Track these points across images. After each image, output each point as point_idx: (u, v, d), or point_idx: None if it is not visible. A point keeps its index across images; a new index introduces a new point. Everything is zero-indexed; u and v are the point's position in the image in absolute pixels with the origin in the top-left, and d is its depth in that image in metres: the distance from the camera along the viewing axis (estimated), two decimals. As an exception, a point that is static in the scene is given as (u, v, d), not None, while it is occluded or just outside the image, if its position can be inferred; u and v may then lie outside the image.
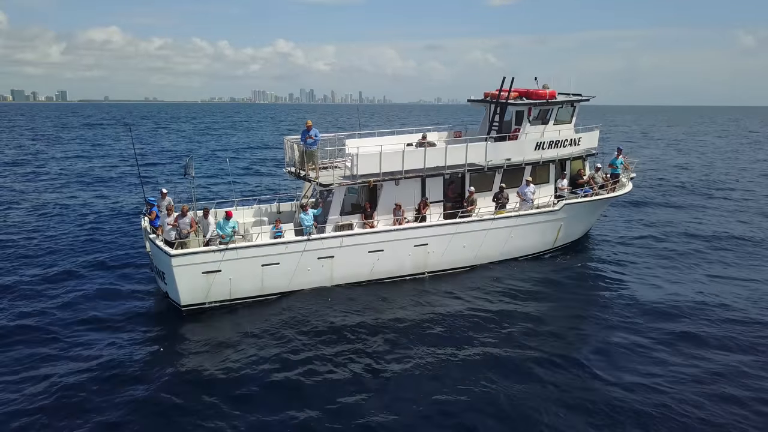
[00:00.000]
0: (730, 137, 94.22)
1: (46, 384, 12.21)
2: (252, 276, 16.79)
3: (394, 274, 18.91)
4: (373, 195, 19.36)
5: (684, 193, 36.74)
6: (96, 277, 19.06)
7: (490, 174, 20.93)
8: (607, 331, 15.23)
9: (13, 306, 16.46)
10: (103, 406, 11.44)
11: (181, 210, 16.64)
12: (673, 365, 13.20)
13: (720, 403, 11.58)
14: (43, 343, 14.20)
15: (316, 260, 17.49)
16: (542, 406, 11.46)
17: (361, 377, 12.65)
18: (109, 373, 12.70)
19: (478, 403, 11.52)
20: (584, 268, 20.93)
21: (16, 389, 12.04)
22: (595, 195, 22.32)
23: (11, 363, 13.17)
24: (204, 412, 11.22)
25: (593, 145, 23.55)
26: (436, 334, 14.94)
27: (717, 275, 19.89)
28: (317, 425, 10.81)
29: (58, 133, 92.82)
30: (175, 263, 15.67)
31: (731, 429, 10.78)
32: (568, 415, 11.13)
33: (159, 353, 13.89)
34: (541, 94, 21.66)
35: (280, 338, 14.52)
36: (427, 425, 10.86)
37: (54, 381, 12.33)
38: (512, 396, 11.79)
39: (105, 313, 16.05)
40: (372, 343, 14.29)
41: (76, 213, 29.09)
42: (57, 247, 22.54)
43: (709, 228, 26.63)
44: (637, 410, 11.30)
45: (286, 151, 20.41)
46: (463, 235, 19.51)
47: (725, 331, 15.03)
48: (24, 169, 46.24)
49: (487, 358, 13.50)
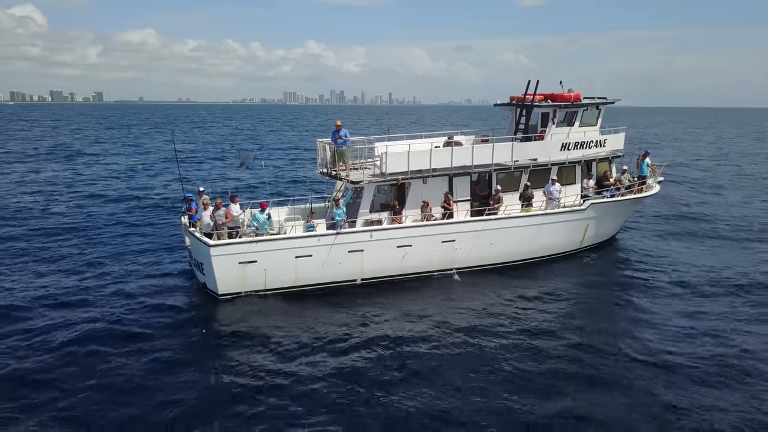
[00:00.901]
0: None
1: (98, 361, 13.20)
2: (286, 267, 17.61)
3: (422, 270, 19.52)
4: (402, 193, 20.03)
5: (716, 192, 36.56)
6: (137, 269, 20.16)
7: (517, 174, 21.43)
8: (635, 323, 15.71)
9: (57, 299, 17.41)
10: (151, 384, 12.36)
11: (215, 204, 17.60)
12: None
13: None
14: (92, 326, 15.23)
15: (346, 253, 18.23)
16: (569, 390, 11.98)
17: (396, 364, 13.34)
18: (155, 356, 13.64)
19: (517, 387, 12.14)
20: (613, 267, 21.28)
21: (64, 365, 13.02)
22: (622, 196, 22.63)
23: (60, 342, 14.15)
24: (250, 390, 12.08)
25: (619, 147, 23.86)
26: (468, 329, 15.44)
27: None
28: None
29: (105, 131, 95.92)
30: (214, 253, 16.59)
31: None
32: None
33: (200, 336, 14.88)
34: (566, 97, 22.11)
35: (317, 327, 15.32)
36: (460, 410, 11.44)
37: (102, 359, 13.33)
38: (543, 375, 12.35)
39: (146, 302, 17.01)
40: (403, 337, 14.97)
41: (120, 206, 31.02)
42: (100, 241, 23.88)
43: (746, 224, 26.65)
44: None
45: (318, 152, 21.19)
46: (490, 232, 20.01)
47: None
48: (72, 164, 48.32)
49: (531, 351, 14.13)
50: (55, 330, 14.87)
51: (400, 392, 12.07)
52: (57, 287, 18.07)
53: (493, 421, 11.07)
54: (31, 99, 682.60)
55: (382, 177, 19.32)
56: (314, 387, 12.28)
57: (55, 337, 14.46)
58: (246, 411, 11.37)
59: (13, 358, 13.30)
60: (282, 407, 11.51)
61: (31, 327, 15.02)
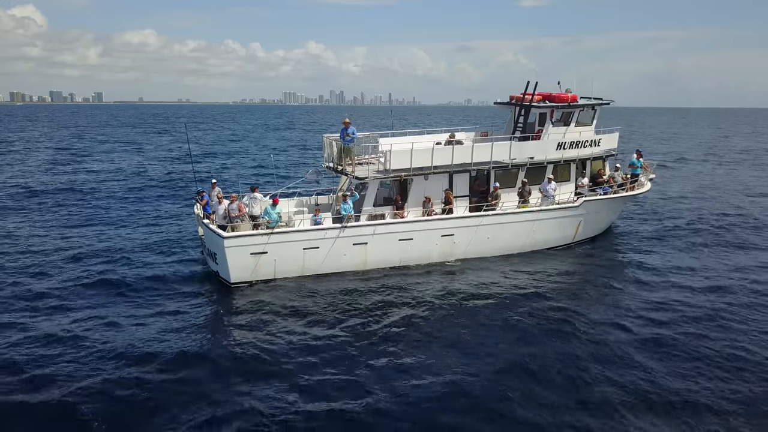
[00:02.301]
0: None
1: (120, 342, 14.14)
2: (294, 258, 18.62)
3: (422, 261, 20.53)
4: (404, 189, 21.02)
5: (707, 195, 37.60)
6: (150, 258, 21.13)
7: (514, 171, 22.43)
8: (620, 310, 16.77)
9: (77, 278, 18.64)
10: (169, 365, 13.29)
11: (230, 198, 18.63)
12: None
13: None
14: (109, 311, 16.21)
15: (351, 246, 19.23)
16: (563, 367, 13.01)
17: (393, 347, 14.29)
18: (172, 336, 14.57)
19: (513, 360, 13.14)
20: (602, 259, 22.25)
21: (87, 347, 13.90)
22: (614, 193, 23.64)
23: (83, 327, 15.04)
24: (260, 368, 13.03)
25: (613, 146, 24.88)
26: (464, 313, 16.49)
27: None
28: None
29: (111, 131, 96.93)
30: (227, 244, 17.59)
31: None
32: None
33: (213, 320, 15.85)
34: (563, 97, 23.11)
35: (316, 311, 16.30)
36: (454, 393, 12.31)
37: (124, 340, 14.25)
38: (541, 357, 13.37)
39: (160, 289, 18.01)
40: (401, 319, 15.95)
41: (133, 196, 32.72)
42: (114, 227, 24.89)
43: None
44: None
45: (325, 147, 22.22)
46: (487, 227, 21.03)
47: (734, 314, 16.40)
48: (85, 162, 49.37)
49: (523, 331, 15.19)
50: (70, 312, 15.89)
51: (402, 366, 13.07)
52: (72, 274, 19.06)
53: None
54: (31, 99, 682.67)
55: (386, 173, 20.30)
56: (312, 359, 13.41)
57: (70, 320, 15.37)
58: (259, 372, 12.65)
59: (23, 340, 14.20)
60: (289, 373, 12.68)
61: (37, 316, 15.78)
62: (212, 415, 11.09)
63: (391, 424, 10.92)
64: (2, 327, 14.95)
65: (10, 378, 12.35)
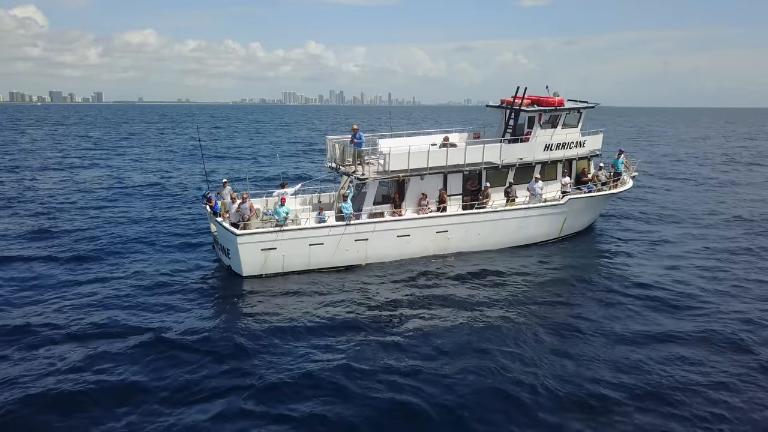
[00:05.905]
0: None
1: (145, 335, 15.75)
2: (301, 253, 20.30)
3: (419, 256, 22.18)
4: (402, 188, 22.67)
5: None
6: (164, 254, 22.87)
7: (504, 171, 24.07)
8: (597, 302, 18.35)
9: (97, 275, 20.21)
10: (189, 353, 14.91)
11: (242, 197, 20.27)
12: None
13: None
14: (124, 304, 17.78)
15: (353, 242, 20.90)
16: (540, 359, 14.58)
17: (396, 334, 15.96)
18: (191, 325, 16.17)
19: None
20: (586, 252, 23.93)
21: (104, 337, 15.38)
22: (598, 191, 25.30)
23: (99, 319, 16.41)
24: (271, 353, 14.66)
25: (597, 147, 26.53)
26: (463, 303, 18.07)
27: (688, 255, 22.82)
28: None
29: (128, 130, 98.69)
30: (240, 241, 19.27)
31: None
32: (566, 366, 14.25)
33: (229, 307, 17.52)
34: (550, 101, 24.72)
35: (322, 301, 17.97)
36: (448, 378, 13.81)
37: (144, 330, 15.80)
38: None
39: (177, 282, 19.59)
40: (398, 308, 17.61)
41: (146, 194, 35.15)
42: (130, 225, 26.56)
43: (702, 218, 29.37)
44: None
45: (328, 149, 23.85)
46: (479, 224, 22.71)
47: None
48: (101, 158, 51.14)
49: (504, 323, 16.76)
50: (90, 309, 17.16)
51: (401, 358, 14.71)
52: (90, 271, 20.65)
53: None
54: (31, 99, 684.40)
55: (385, 174, 21.94)
56: (320, 342, 15.06)
57: (91, 316, 16.66)
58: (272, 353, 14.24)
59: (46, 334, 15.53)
60: (296, 351, 14.23)
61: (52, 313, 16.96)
62: (234, 384, 12.86)
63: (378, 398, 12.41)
64: (28, 315, 16.52)
65: (33, 366, 13.73)
